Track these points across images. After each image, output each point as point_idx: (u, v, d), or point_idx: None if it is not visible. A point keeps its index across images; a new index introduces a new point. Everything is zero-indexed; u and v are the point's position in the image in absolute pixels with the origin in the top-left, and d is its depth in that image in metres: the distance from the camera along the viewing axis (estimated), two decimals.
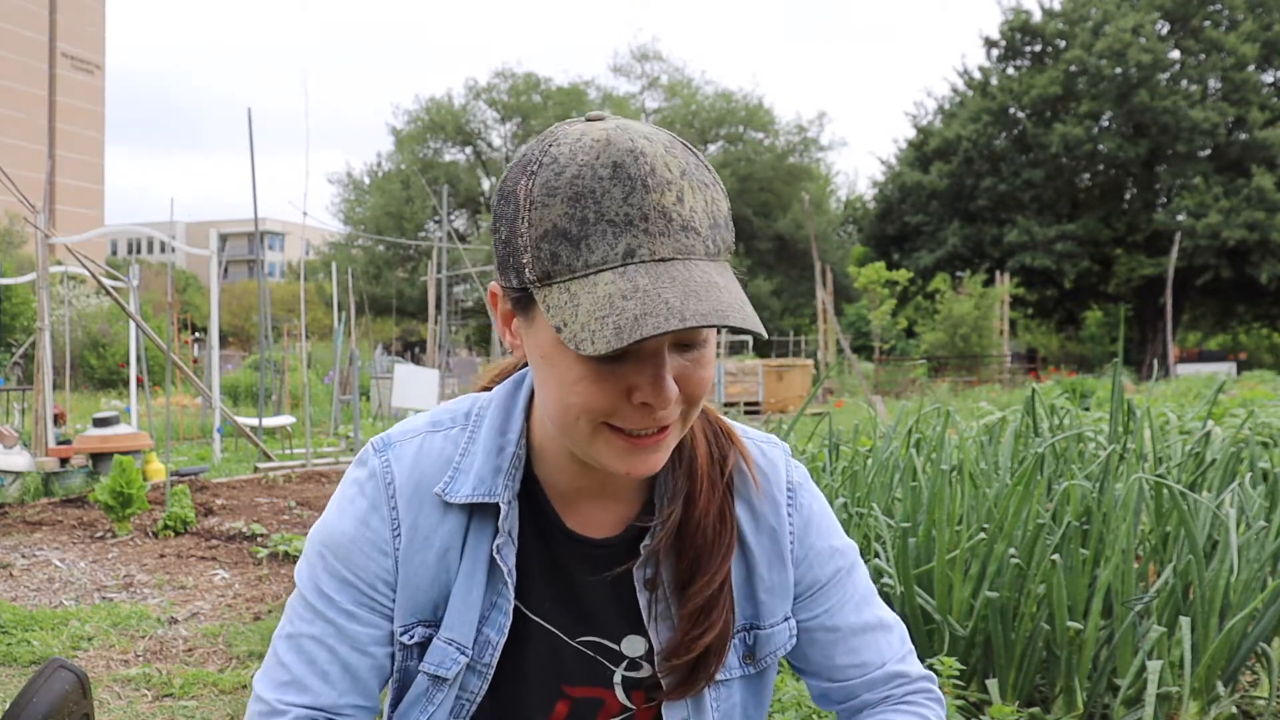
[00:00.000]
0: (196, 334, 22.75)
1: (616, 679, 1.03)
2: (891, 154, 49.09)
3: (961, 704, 2.33)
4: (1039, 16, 35.96)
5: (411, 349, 41.33)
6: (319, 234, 47.82)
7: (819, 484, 2.58)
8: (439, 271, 16.82)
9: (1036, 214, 35.24)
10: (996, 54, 37.23)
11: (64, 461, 7.22)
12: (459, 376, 17.52)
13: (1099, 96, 33.55)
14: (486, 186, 45.15)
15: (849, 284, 32.83)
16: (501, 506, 0.97)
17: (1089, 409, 7.58)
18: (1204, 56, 33.69)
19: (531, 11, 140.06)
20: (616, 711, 1.04)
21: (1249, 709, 2.51)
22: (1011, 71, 36.76)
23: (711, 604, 1.00)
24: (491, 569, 0.99)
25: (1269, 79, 34.27)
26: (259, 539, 5.29)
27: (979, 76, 37.27)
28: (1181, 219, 32.52)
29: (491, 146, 45.79)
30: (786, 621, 1.08)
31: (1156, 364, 10.66)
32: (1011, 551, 2.49)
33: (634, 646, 1.03)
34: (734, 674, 1.05)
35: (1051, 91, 33.81)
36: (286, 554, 4.88)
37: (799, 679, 1.70)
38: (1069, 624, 2.41)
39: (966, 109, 36.29)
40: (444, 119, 43.84)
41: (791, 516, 1.07)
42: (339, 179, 46.20)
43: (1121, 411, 3.24)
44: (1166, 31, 34.26)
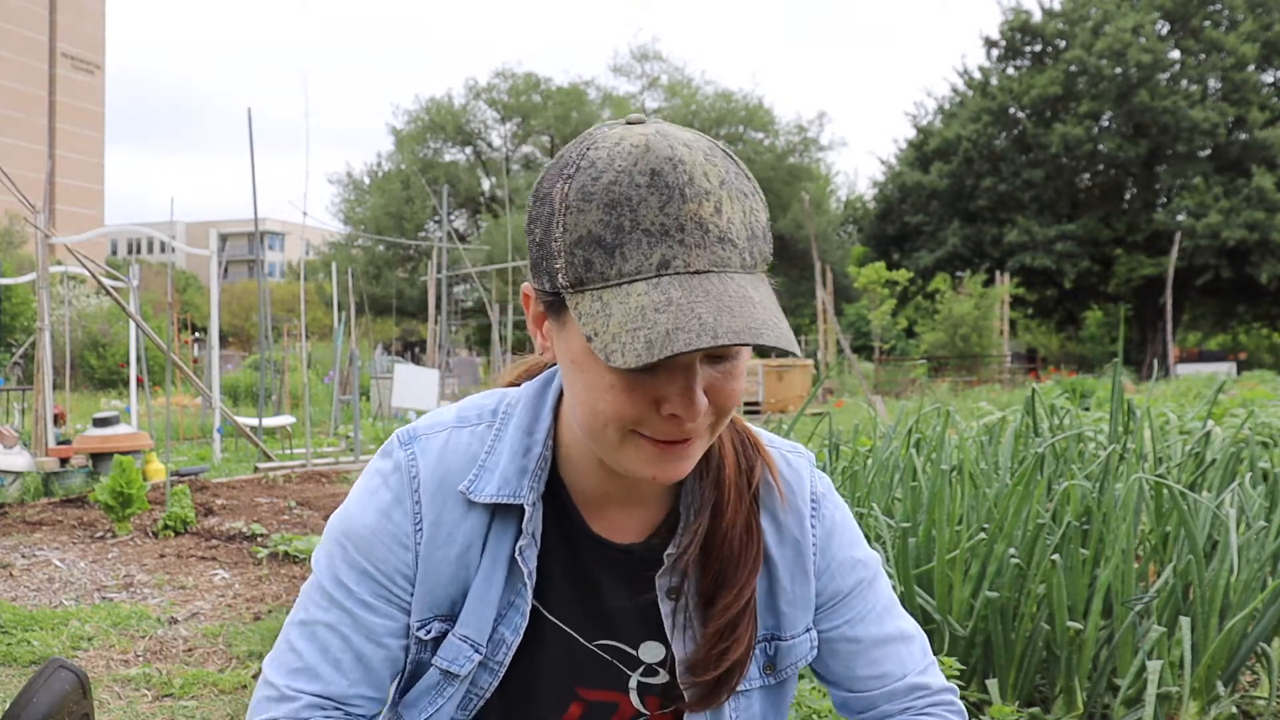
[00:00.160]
0: (196, 334, 22.76)
1: (632, 684, 1.03)
2: (891, 154, 49.14)
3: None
4: (1039, 16, 35.97)
5: (411, 349, 41.33)
6: (319, 234, 47.83)
7: None
8: (439, 271, 16.82)
9: (1036, 214, 35.24)
10: (996, 54, 37.24)
11: (64, 461, 7.22)
12: (459, 376, 17.53)
13: (1099, 96, 33.55)
14: (487, 186, 45.16)
15: (849, 284, 32.83)
16: (526, 508, 0.97)
17: (1089, 409, 7.58)
18: (1204, 56, 33.70)
19: (531, 11, 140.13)
20: (630, 716, 1.04)
21: (1249, 709, 2.51)
22: (1011, 71, 36.76)
23: (737, 620, 0.99)
24: (511, 569, 0.98)
25: (1269, 79, 34.27)
26: (259, 539, 5.29)
27: (979, 76, 37.28)
28: (1181, 219, 32.53)
29: (491, 146, 45.79)
30: (808, 633, 1.07)
31: (1156, 364, 10.66)
32: (1011, 551, 2.49)
33: (652, 652, 1.02)
34: (754, 684, 1.04)
35: (1051, 91, 33.81)
36: (286, 554, 4.88)
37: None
38: (1069, 624, 2.41)
39: (966, 109, 36.29)
40: (444, 119, 43.84)
41: (815, 528, 1.06)
42: (339, 179, 46.23)
43: (1121, 411, 3.23)
44: (1166, 31, 34.27)
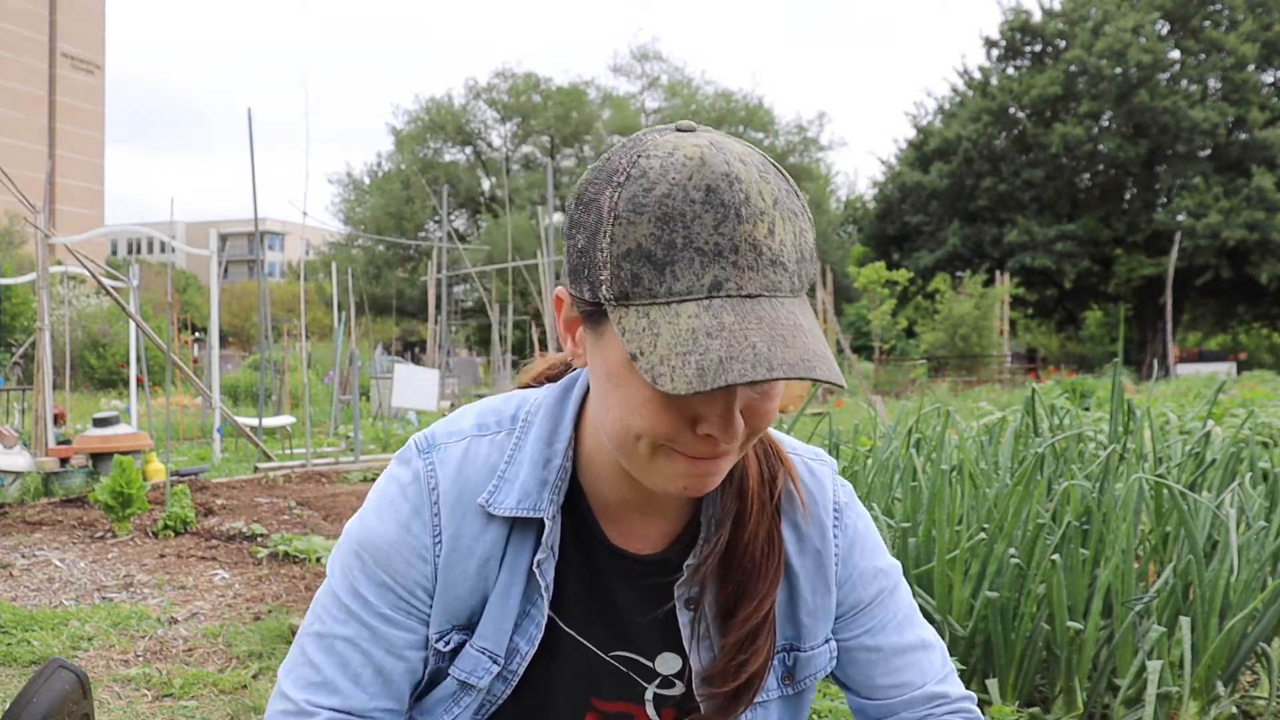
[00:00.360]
0: (196, 334, 22.76)
1: (648, 695, 1.02)
2: (891, 154, 49.13)
3: None
4: (1039, 16, 35.97)
5: (411, 349, 41.33)
6: (319, 234, 47.84)
7: None
8: (439, 271, 16.83)
9: (1036, 214, 35.24)
10: (996, 54, 37.25)
11: (64, 461, 7.22)
12: (459, 376, 17.53)
13: (1099, 96, 33.55)
14: (487, 186, 45.17)
15: (849, 284, 32.84)
16: (546, 522, 0.95)
17: (1089, 409, 7.58)
18: (1204, 56, 33.70)
19: (531, 11, 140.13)
20: None
21: (1249, 709, 2.51)
22: (1011, 71, 36.76)
23: (757, 631, 0.98)
24: (529, 581, 0.97)
25: (1269, 79, 34.27)
26: (259, 539, 5.29)
27: (979, 76, 37.27)
28: (1181, 219, 32.53)
29: (491, 146, 45.80)
30: (827, 643, 1.06)
31: (1156, 364, 10.66)
32: (1011, 551, 2.49)
33: (668, 664, 1.01)
34: (772, 695, 1.03)
35: (1051, 91, 33.81)
36: (286, 554, 4.88)
37: None
38: (1069, 624, 2.41)
39: (966, 109, 36.30)
40: (444, 119, 43.85)
41: (837, 538, 1.05)
42: (339, 179, 46.27)
43: (1121, 411, 3.23)
44: (1166, 31, 34.27)
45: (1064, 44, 35.20)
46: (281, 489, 7.24)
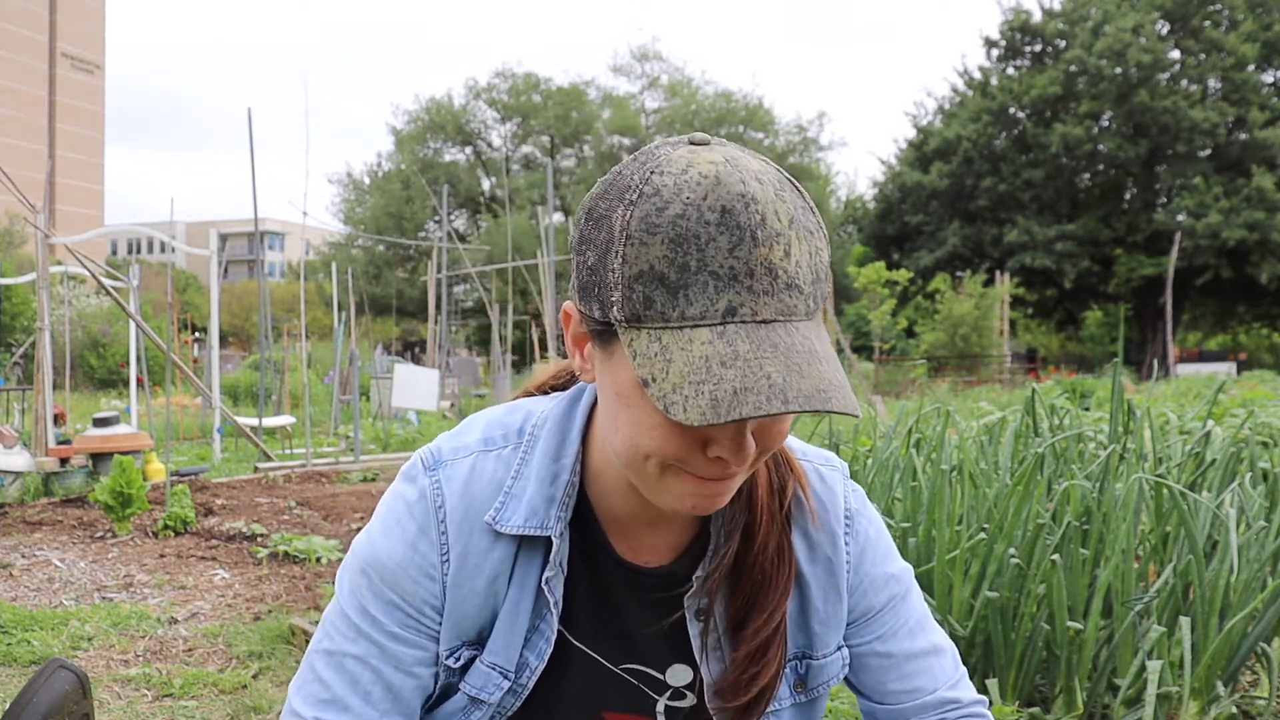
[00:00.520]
0: (196, 334, 22.75)
1: (659, 708, 1.02)
2: (891, 154, 49.14)
3: None
4: (1039, 16, 35.96)
5: (411, 349, 41.33)
6: (319, 234, 47.84)
7: None
8: (439, 271, 16.83)
9: (1036, 214, 35.23)
10: (996, 54, 37.24)
11: (64, 461, 7.22)
12: (459, 376, 17.53)
13: (1099, 96, 33.55)
14: (487, 186, 45.16)
15: (849, 284, 32.82)
16: (554, 540, 0.94)
17: (1089, 409, 7.58)
18: (1204, 56, 33.69)
19: (531, 11, 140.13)
20: None
21: (1249, 709, 2.51)
22: (1011, 71, 36.76)
23: (768, 643, 0.97)
24: (538, 597, 0.97)
25: (1269, 79, 34.26)
26: (259, 539, 5.29)
27: (979, 76, 37.27)
28: (1181, 219, 32.52)
29: (491, 146, 45.80)
30: (840, 651, 1.05)
31: (1156, 364, 10.66)
32: (1011, 551, 2.49)
33: (680, 676, 1.01)
34: (784, 703, 1.02)
35: (1051, 91, 33.81)
36: (286, 554, 4.88)
37: None
38: (1069, 624, 2.41)
39: (966, 109, 36.29)
40: (444, 119, 43.85)
41: (849, 546, 1.04)
42: (339, 179, 46.26)
43: (1121, 411, 3.23)
44: (1166, 31, 34.26)
45: (1064, 44, 35.19)
46: (281, 489, 7.24)
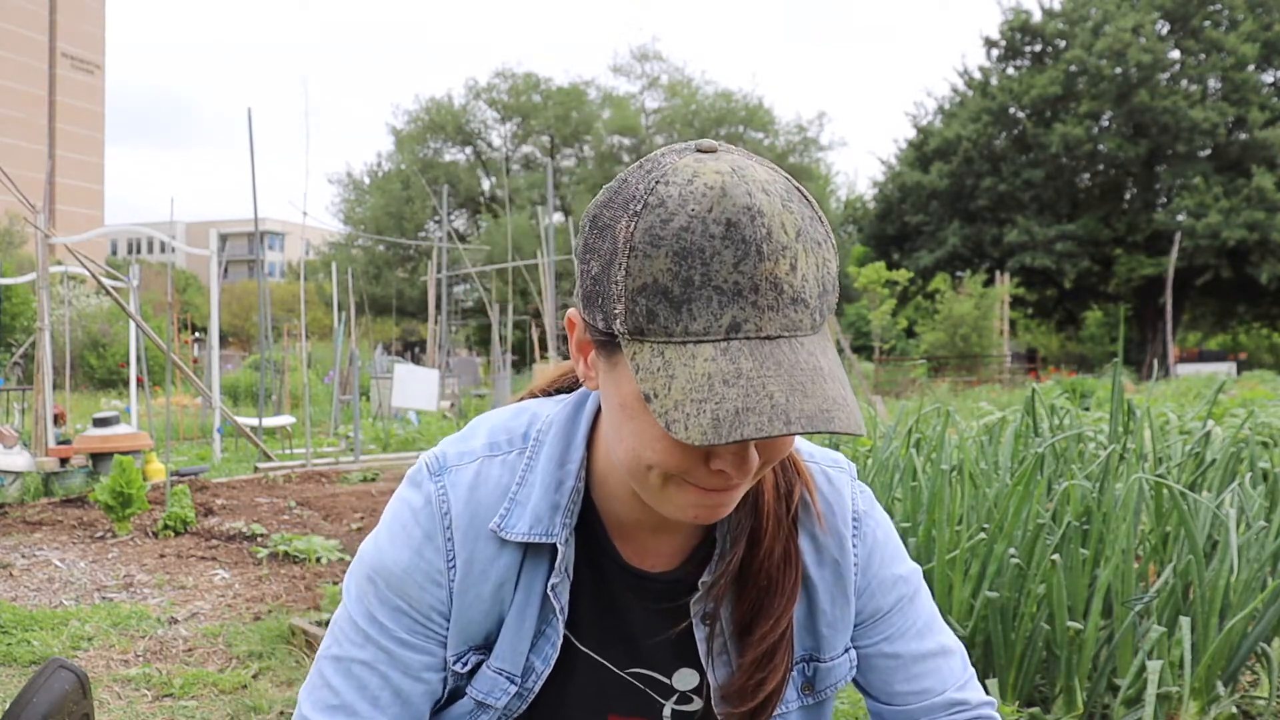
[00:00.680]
0: (196, 334, 22.76)
1: (666, 712, 1.02)
2: (891, 154, 49.11)
3: None
4: (1039, 16, 35.96)
5: (411, 349, 41.33)
6: (319, 234, 47.83)
7: None
8: (439, 271, 16.82)
9: (1036, 214, 35.23)
10: (996, 54, 37.24)
11: (64, 461, 7.22)
12: (459, 376, 17.52)
13: (1099, 96, 33.55)
14: (487, 186, 45.16)
15: (849, 284, 32.80)
16: (559, 547, 0.94)
17: (1089, 409, 7.58)
18: (1204, 56, 33.69)
19: (531, 11, 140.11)
20: None
21: (1249, 709, 2.51)
22: (1011, 71, 36.75)
23: (774, 649, 0.97)
24: (544, 603, 0.97)
25: (1269, 79, 34.26)
26: (259, 539, 5.29)
27: (979, 76, 37.27)
28: (1181, 219, 32.52)
29: (491, 146, 45.79)
30: (847, 653, 1.05)
31: (1156, 364, 10.66)
32: (1011, 551, 2.50)
33: (686, 680, 1.01)
34: (791, 706, 1.02)
35: (1051, 91, 33.81)
36: (286, 554, 4.88)
37: None
38: (1069, 624, 2.41)
39: (966, 109, 36.29)
40: (444, 119, 43.84)
41: (856, 548, 1.03)
42: (339, 179, 46.22)
43: (1121, 411, 3.24)
44: (1166, 31, 34.26)
45: (1064, 44, 35.19)
46: (281, 489, 7.24)
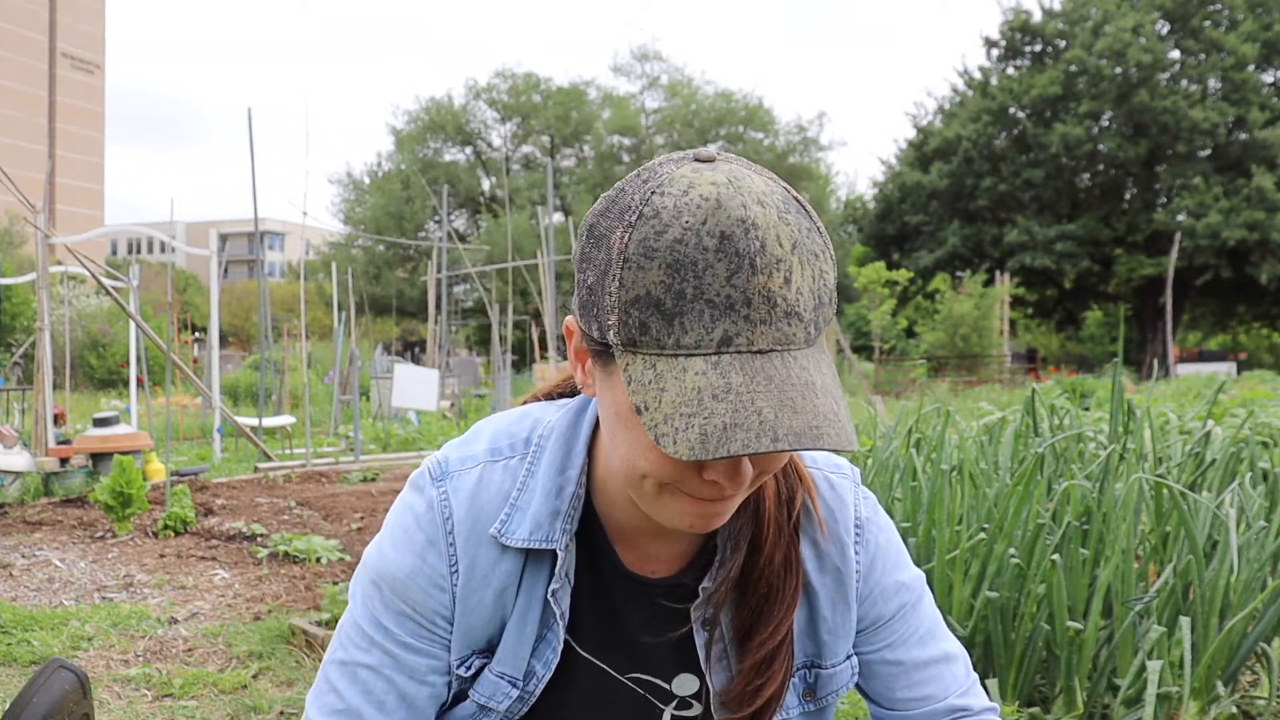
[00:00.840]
0: (196, 334, 22.76)
1: (665, 717, 1.02)
2: (891, 154, 49.17)
3: None
4: (1039, 16, 35.96)
5: (411, 349, 41.33)
6: (319, 234, 47.83)
7: None
8: (439, 271, 16.82)
9: (1036, 214, 35.23)
10: (996, 54, 37.23)
11: (64, 461, 7.22)
12: (459, 376, 17.52)
13: (1099, 96, 33.54)
14: (487, 186, 45.15)
15: (849, 284, 32.81)
16: (559, 554, 0.95)
17: (1089, 409, 7.58)
18: (1204, 56, 33.68)
19: (531, 11, 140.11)
20: None
21: (1249, 709, 2.51)
22: (1011, 71, 36.75)
23: (774, 655, 0.97)
24: (545, 608, 0.97)
25: (1269, 79, 34.25)
26: (259, 539, 5.29)
27: (979, 76, 37.26)
28: (1181, 219, 32.51)
29: (491, 146, 45.79)
30: (849, 660, 1.05)
31: (1156, 364, 10.65)
32: (1011, 551, 2.50)
33: (686, 685, 1.01)
34: (793, 712, 1.02)
35: (1051, 91, 33.80)
36: (286, 554, 4.88)
37: None
38: (1069, 624, 2.41)
39: (966, 109, 36.28)
40: (444, 119, 43.84)
41: (858, 555, 1.03)
42: (339, 179, 46.23)
43: (1121, 411, 3.24)
44: (1166, 31, 34.25)
45: (1064, 44, 35.19)
46: (281, 489, 7.24)
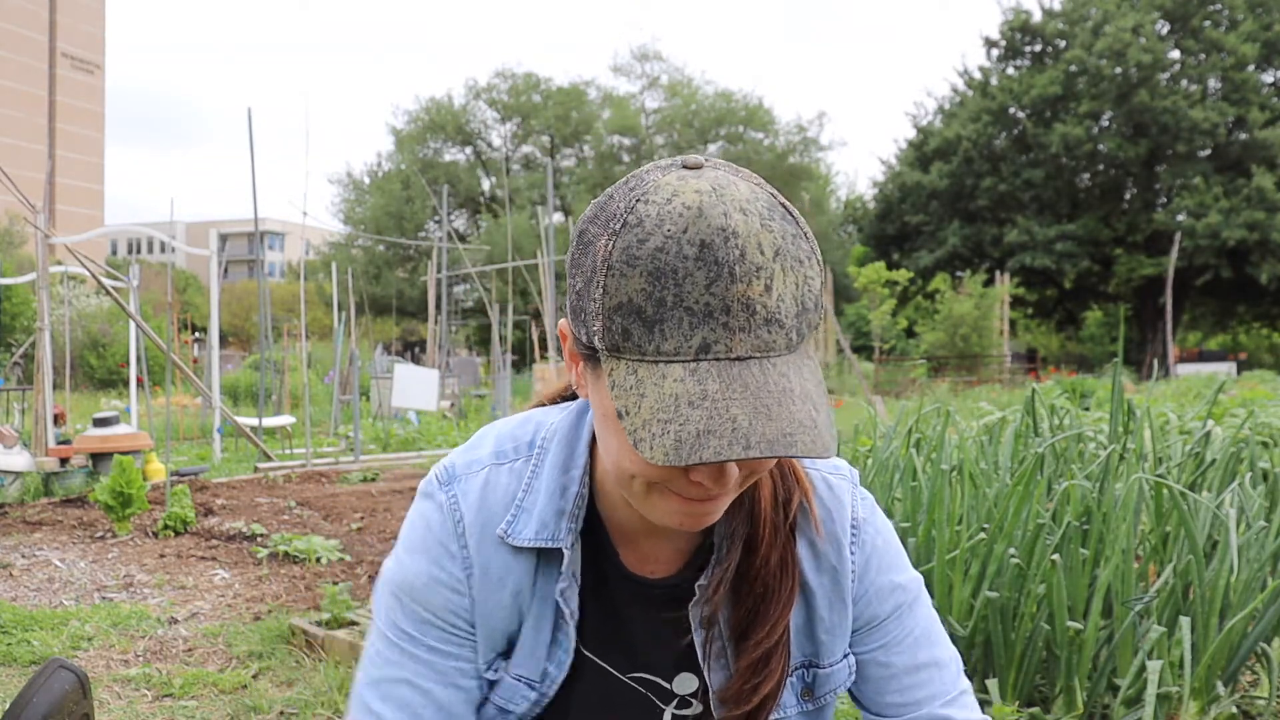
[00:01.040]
0: (196, 334, 22.76)
1: (666, 716, 1.03)
2: (891, 154, 49.17)
3: None
4: (1039, 16, 35.96)
5: (411, 349, 41.32)
6: (319, 234, 47.82)
7: None
8: (439, 271, 16.82)
9: (1036, 214, 35.23)
10: (996, 54, 37.23)
11: (64, 461, 7.22)
12: (459, 376, 17.52)
13: (1099, 96, 33.54)
14: (487, 186, 45.16)
15: (849, 284, 32.84)
16: (565, 552, 0.96)
17: (1089, 409, 7.57)
18: (1204, 56, 33.68)
19: (531, 11, 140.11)
20: None
21: (1249, 709, 2.51)
22: (1011, 71, 36.75)
23: (770, 654, 0.98)
24: (556, 608, 0.98)
25: (1269, 79, 34.24)
26: (259, 539, 5.29)
27: (979, 76, 37.26)
28: (1181, 219, 32.51)
29: (491, 146, 45.80)
30: (846, 659, 1.05)
31: (1156, 364, 10.65)
32: (1011, 551, 2.50)
33: (685, 685, 1.02)
34: (791, 712, 1.03)
35: (1051, 91, 33.80)
36: (286, 554, 4.88)
37: None
38: (1069, 624, 2.41)
39: (966, 109, 36.28)
40: (444, 119, 43.84)
41: (854, 554, 1.03)
42: (339, 179, 46.25)
43: (1121, 411, 3.23)
44: (1166, 31, 34.25)
45: (1064, 44, 35.18)
46: (281, 489, 7.24)
